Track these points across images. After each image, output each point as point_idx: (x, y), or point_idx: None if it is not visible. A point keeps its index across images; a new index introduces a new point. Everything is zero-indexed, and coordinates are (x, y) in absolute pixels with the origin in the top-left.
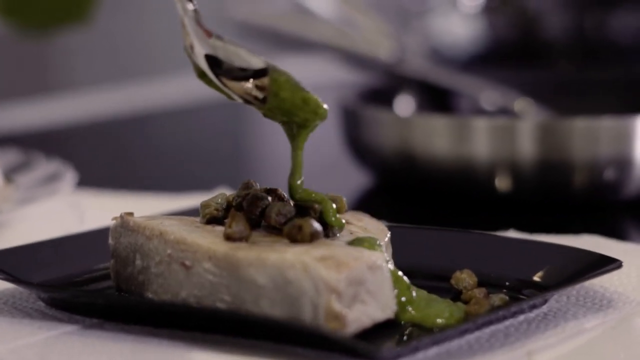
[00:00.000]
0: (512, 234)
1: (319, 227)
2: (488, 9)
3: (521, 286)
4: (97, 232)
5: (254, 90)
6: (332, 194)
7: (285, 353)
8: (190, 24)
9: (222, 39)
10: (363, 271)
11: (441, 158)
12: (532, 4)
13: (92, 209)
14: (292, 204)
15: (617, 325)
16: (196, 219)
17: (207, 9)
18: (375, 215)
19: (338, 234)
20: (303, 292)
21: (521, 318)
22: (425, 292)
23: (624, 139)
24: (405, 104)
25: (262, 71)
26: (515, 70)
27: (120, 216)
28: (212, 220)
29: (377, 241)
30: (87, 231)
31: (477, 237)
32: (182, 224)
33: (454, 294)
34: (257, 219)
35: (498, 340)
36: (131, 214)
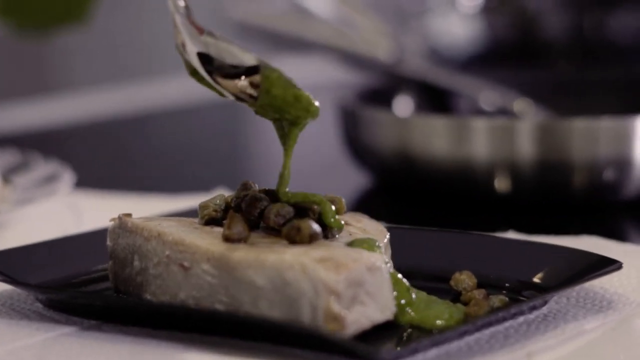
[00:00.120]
0: (511, 235)
1: (317, 228)
2: (487, 9)
3: (521, 287)
4: (95, 233)
5: (245, 87)
6: (331, 195)
7: (284, 354)
8: (181, 21)
9: (213, 36)
10: (362, 272)
11: (440, 159)
12: (531, 4)
13: (90, 210)
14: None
15: (617, 326)
16: (195, 220)
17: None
18: (374, 216)
19: (337, 235)
20: (302, 293)
21: (521, 319)
22: (424, 293)
23: (624, 139)
24: (404, 104)
25: (254, 68)
26: (515, 71)
27: (119, 217)
28: (210, 221)
29: (376, 242)
30: (85, 232)
31: (477, 238)
32: (181, 225)
33: (454, 295)
34: (256, 220)
35: (498, 342)
36: (129, 215)
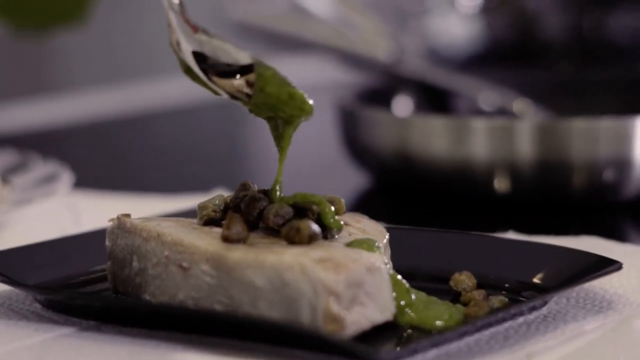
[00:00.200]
0: (511, 235)
1: (317, 228)
2: (486, 9)
3: (521, 288)
4: (94, 234)
5: (240, 85)
6: (330, 195)
7: (283, 355)
8: (175, 19)
9: (208, 34)
10: (362, 273)
11: (439, 159)
12: (530, 4)
13: (89, 210)
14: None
15: (617, 327)
16: (193, 220)
17: (205, 8)
18: (373, 217)
19: (336, 236)
20: (301, 294)
21: (521, 320)
22: (424, 294)
23: (623, 139)
24: (403, 104)
25: (248, 66)
26: (514, 71)
27: (117, 218)
28: (209, 221)
29: (376, 243)
30: (83, 233)
31: (477, 238)
32: (180, 225)
33: (453, 295)
34: (255, 221)
35: (497, 343)
36: (128, 215)
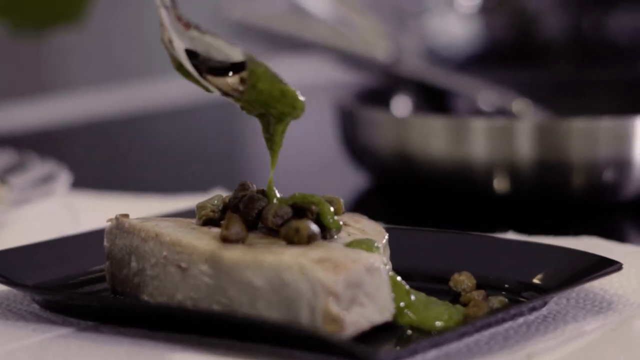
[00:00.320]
0: (510, 235)
1: (316, 228)
2: (485, 9)
3: (520, 288)
4: (92, 234)
5: (232, 82)
6: (329, 196)
7: (283, 356)
8: (167, 16)
9: (200, 30)
10: (361, 273)
11: (439, 159)
12: (530, 4)
13: (87, 211)
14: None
15: (617, 327)
16: (192, 220)
17: (203, 8)
18: (372, 217)
19: (335, 236)
20: (300, 294)
21: (520, 320)
22: (423, 294)
23: (623, 139)
24: (402, 104)
25: (240, 62)
26: (513, 71)
27: (116, 218)
28: (208, 221)
29: (375, 243)
30: (82, 233)
31: (476, 238)
32: (178, 225)
33: (453, 296)
34: (254, 221)
35: (497, 343)
36: (126, 215)
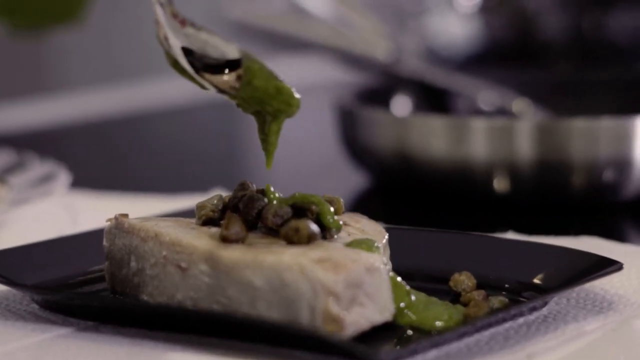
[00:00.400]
0: (510, 235)
1: (316, 228)
2: (485, 8)
3: (521, 288)
4: (91, 234)
5: (227, 79)
6: (329, 195)
7: (283, 356)
8: (162, 13)
9: (195, 27)
10: (361, 273)
11: (439, 159)
12: (529, 4)
13: (86, 210)
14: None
15: (618, 327)
16: (192, 220)
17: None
18: (372, 217)
19: (335, 236)
20: (300, 294)
21: (521, 320)
22: (423, 294)
23: (623, 139)
24: (402, 104)
25: (236, 60)
26: (513, 71)
27: (115, 218)
28: (208, 221)
29: (375, 243)
30: (81, 233)
31: (476, 238)
32: (178, 225)
33: (453, 296)
34: (254, 221)
35: (497, 343)
36: (126, 215)
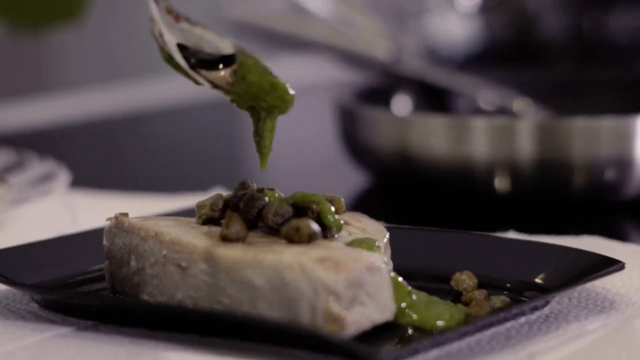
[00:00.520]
0: (511, 235)
1: (316, 227)
2: (485, 8)
3: (522, 288)
4: (91, 233)
5: (221, 74)
6: (330, 195)
7: (283, 355)
8: (157, 9)
9: (190, 22)
10: (362, 272)
11: (439, 158)
12: (530, 3)
13: (86, 210)
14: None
15: (620, 327)
16: (192, 219)
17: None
18: (373, 216)
19: (336, 235)
20: (301, 293)
21: (522, 320)
22: (425, 294)
23: (624, 139)
24: (402, 103)
25: (230, 55)
26: (514, 70)
27: (115, 217)
28: (208, 220)
29: (376, 242)
30: (81, 232)
31: (478, 238)
32: (178, 224)
33: (454, 295)
34: (254, 220)
35: (499, 343)
36: (126, 214)
